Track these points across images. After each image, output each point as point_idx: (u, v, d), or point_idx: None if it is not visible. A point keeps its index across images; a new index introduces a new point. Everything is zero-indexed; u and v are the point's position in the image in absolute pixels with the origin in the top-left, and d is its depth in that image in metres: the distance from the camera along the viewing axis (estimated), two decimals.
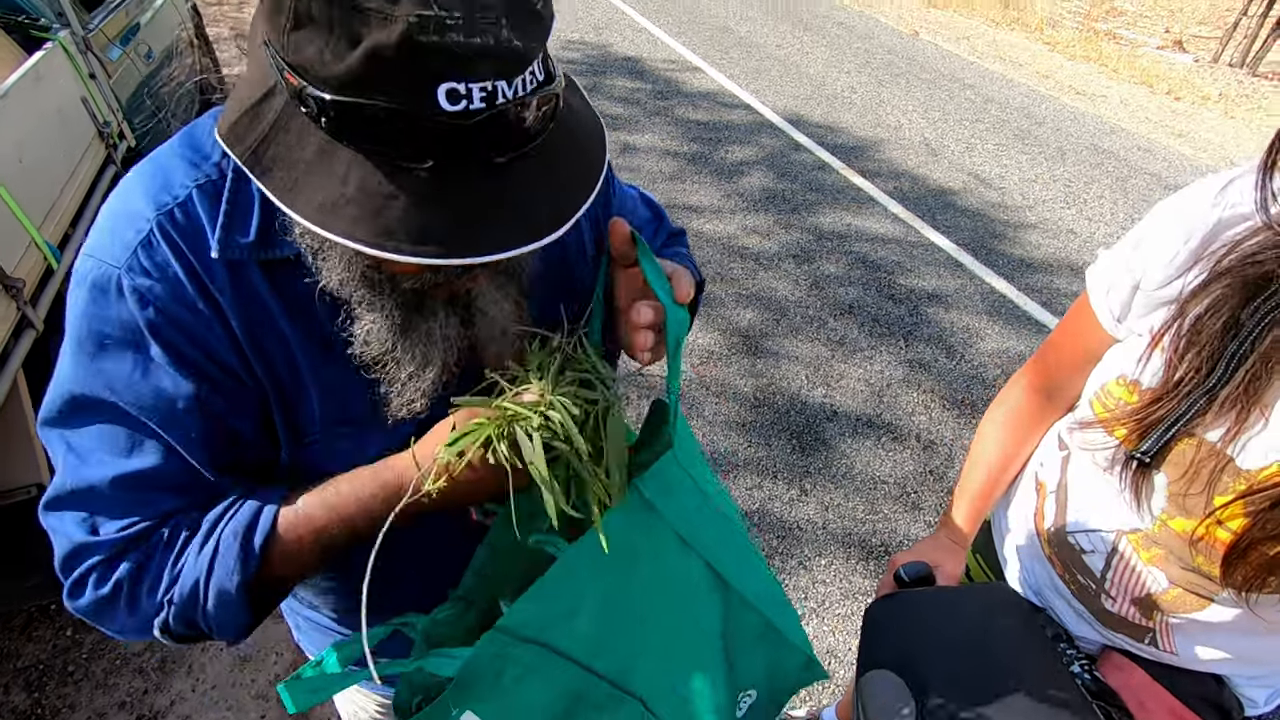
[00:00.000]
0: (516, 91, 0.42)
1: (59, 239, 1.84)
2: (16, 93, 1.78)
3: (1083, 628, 0.81)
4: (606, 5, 6.93)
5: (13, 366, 1.51)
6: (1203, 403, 0.61)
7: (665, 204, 3.61)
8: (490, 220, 0.43)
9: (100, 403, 0.52)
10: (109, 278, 0.50)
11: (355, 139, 0.42)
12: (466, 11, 0.38)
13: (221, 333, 0.52)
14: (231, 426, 0.55)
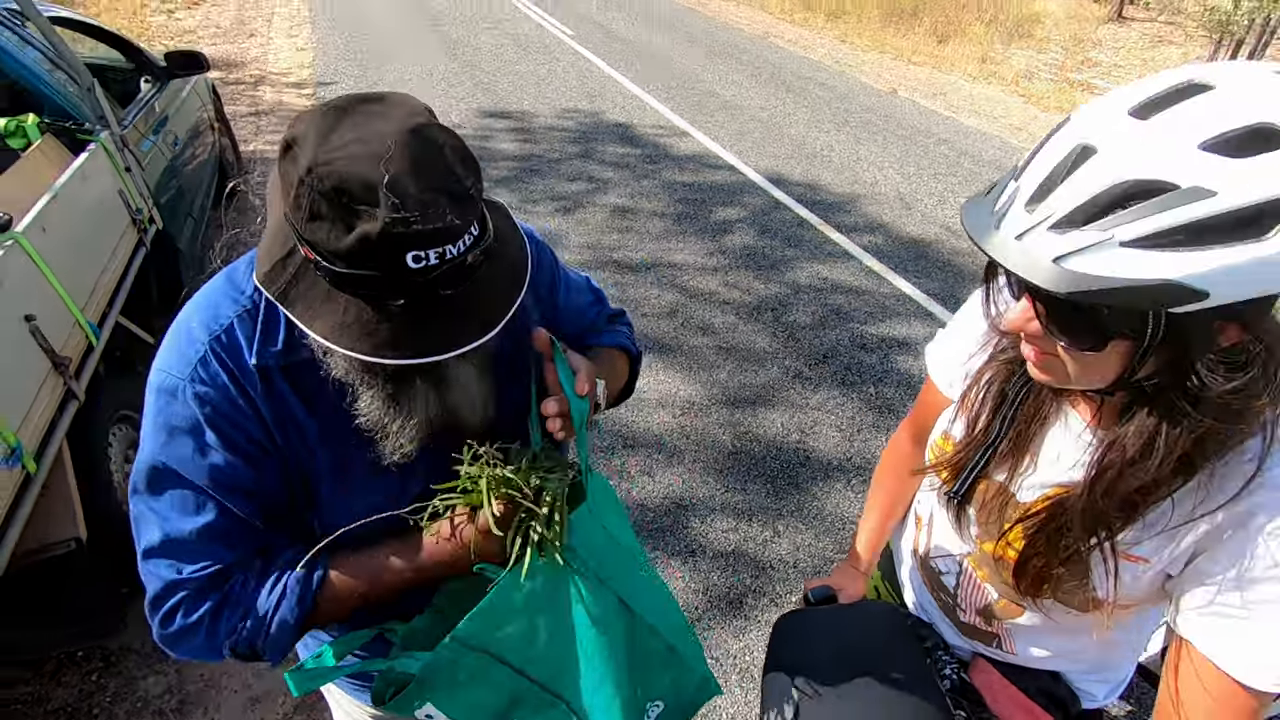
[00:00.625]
0: (459, 249, 0.61)
1: (98, 318, 2.07)
2: (65, 191, 2.03)
3: (954, 638, 0.98)
4: (600, 74, 7.36)
5: (59, 435, 1.71)
6: (990, 453, 0.79)
7: (653, 263, 3.87)
8: (442, 332, 0.63)
9: (173, 474, 0.71)
10: (176, 386, 0.71)
11: (351, 290, 0.62)
12: (422, 209, 0.58)
13: (257, 423, 0.72)
14: (268, 489, 0.74)
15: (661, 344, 3.30)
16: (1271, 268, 0.52)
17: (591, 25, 9.48)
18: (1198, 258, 0.52)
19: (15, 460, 1.52)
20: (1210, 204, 0.52)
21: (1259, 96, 0.54)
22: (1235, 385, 0.59)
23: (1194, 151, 0.53)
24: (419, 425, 0.72)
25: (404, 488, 0.79)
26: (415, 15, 9.32)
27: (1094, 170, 0.56)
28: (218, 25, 8.43)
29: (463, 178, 0.62)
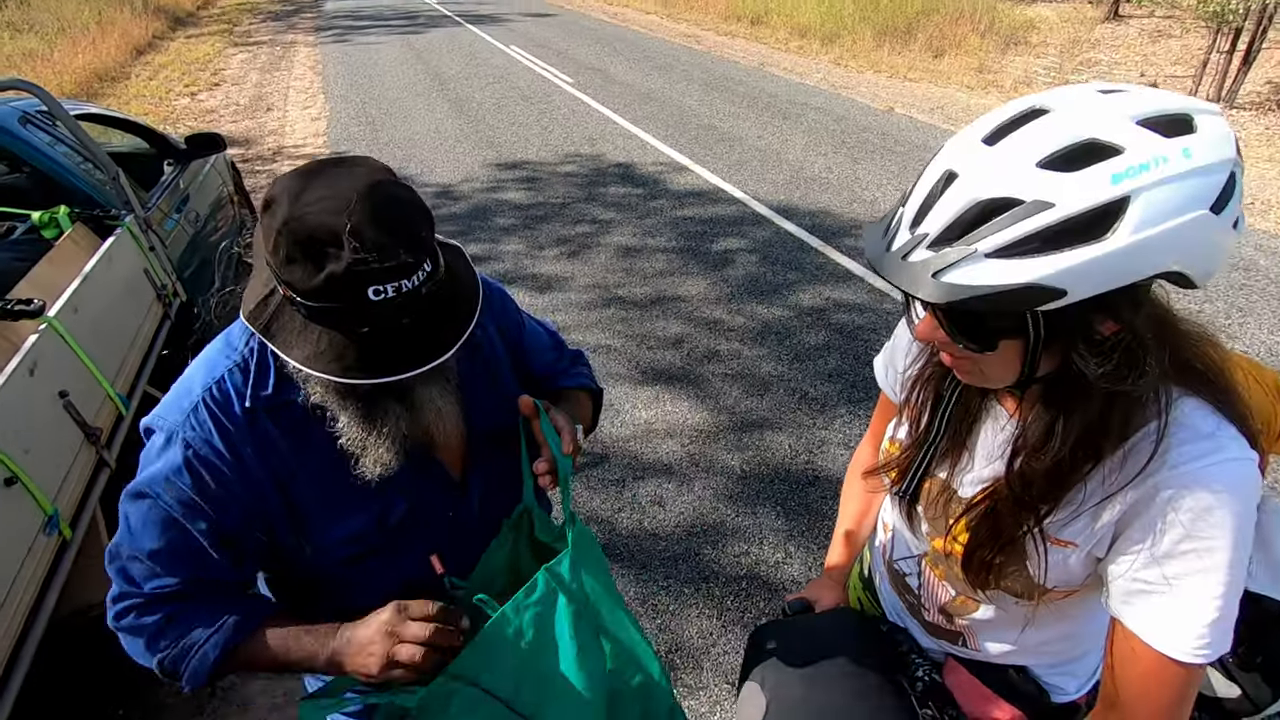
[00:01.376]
0: (413, 283, 0.72)
1: (127, 389, 2.20)
2: (93, 274, 2.19)
3: (925, 640, 1.01)
4: (599, 117, 7.59)
5: (93, 501, 1.83)
6: (932, 450, 0.84)
7: (657, 297, 3.96)
8: (403, 355, 0.74)
9: (151, 500, 0.81)
10: (171, 431, 0.81)
11: (322, 322, 0.73)
12: (380, 251, 0.69)
13: (236, 468, 0.81)
14: (229, 529, 0.83)
15: (668, 374, 3.37)
16: (1115, 263, 0.58)
17: (590, 71, 9.79)
18: (1050, 261, 0.59)
19: (53, 528, 1.63)
20: (1051, 214, 0.59)
21: (1086, 116, 0.61)
22: (1104, 371, 0.64)
23: (1033, 169, 0.60)
24: (393, 440, 0.82)
25: (387, 511, 0.88)
26: (422, 77, 9.73)
27: (957, 192, 0.63)
28: (237, 103, 8.89)
29: (415, 224, 0.73)
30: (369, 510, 0.87)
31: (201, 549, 0.82)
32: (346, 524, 0.86)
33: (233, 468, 0.81)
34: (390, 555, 0.90)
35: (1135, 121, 0.60)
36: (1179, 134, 0.59)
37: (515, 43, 12.14)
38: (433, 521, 0.93)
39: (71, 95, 8.95)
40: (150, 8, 15.94)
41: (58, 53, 10.65)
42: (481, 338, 0.98)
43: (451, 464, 0.94)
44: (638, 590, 2.30)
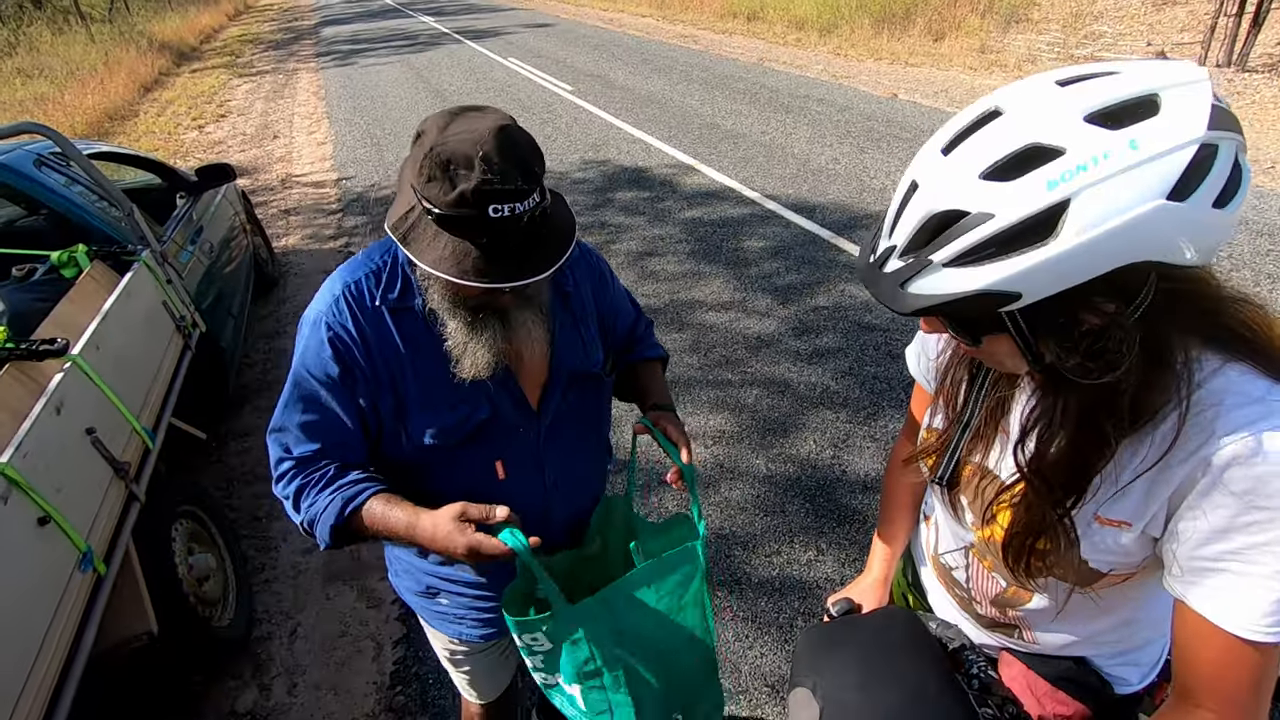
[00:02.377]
0: (525, 206, 0.86)
1: (152, 423, 2.22)
2: (114, 311, 2.21)
3: (978, 634, 0.98)
4: (601, 124, 7.59)
5: (125, 536, 1.83)
6: (966, 432, 0.82)
7: (670, 300, 3.94)
8: (512, 267, 0.89)
9: (302, 379, 1.01)
10: (317, 318, 1.01)
11: (451, 230, 0.88)
12: (502, 176, 0.84)
13: (363, 352, 1.00)
14: (364, 403, 1.02)
15: (687, 379, 3.34)
16: (1065, 265, 0.58)
17: (589, 78, 9.81)
18: (1000, 267, 0.60)
19: (87, 564, 1.64)
20: (993, 224, 0.60)
21: (1033, 118, 0.60)
22: (1073, 364, 0.64)
23: (976, 181, 0.61)
24: (489, 349, 0.98)
25: (471, 415, 1.05)
26: (424, 96, 9.80)
27: (917, 204, 0.65)
28: (244, 133, 9.00)
29: (530, 160, 0.88)
30: (458, 411, 1.04)
31: (338, 419, 1.02)
32: (438, 418, 1.04)
33: (361, 351, 1.00)
34: (465, 452, 1.07)
35: (1083, 117, 0.58)
36: (1132, 122, 0.57)
37: (513, 55, 12.20)
38: (504, 433, 1.09)
39: (83, 135, 9.12)
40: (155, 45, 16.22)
41: (68, 95, 10.85)
42: (573, 289, 1.14)
43: (531, 391, 1.10)
44: None
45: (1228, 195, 0.59)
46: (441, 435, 1.04)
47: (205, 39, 20.44)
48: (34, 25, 17.92)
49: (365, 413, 1.03)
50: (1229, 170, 0.58)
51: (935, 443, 0.87)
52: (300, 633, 2.35)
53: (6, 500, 1.45)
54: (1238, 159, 0.60)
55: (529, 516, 1.04)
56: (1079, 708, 0.89)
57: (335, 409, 1.02)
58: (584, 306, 1.16)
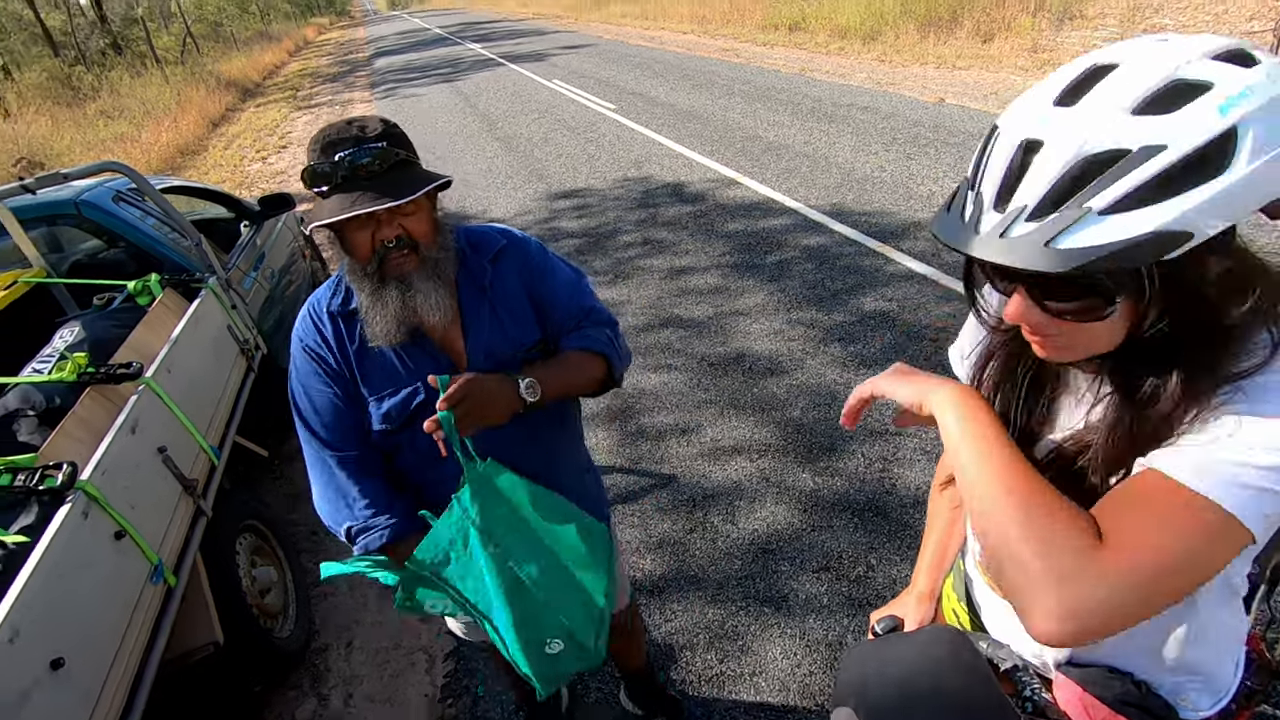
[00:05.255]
0: (365, 151, 1.06)
1: (218, 441, 2.33)
2: (183, 336, 2.34)
3: (1030, 652, 0.94)
4: (644, 140, 7.67)
5: (193, 549, 1.93)
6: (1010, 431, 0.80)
7: (714, 314, 3.94)
8: (364, 202, 1.05)
9: (299, 390, 1.26)
10: (294, 334, 1.26)
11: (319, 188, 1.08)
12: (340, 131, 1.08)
13: (327, 354, 1.23)
14: (340, 394, 1.24)
15: (730, 391, 3.33)
16: (1237, 196, 0.57)
17: (631, 96, 9.93)
18: (1172, 205, 0.57)
19: (158, 577, 1.73)
20: (1165, 156, 0.57)
21: (1159, 61, 0.59)
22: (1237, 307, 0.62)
23: (1130, 118, 0.58)
24: (390, 316, 1.15)
25: (410, 398, 1.22)
26: (471, 120, 10.09)
27: (1047, 159, 0.61)
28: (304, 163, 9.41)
29: (373, 128, 1.09)
30: (397, 395, 1.22)
31: (340, 413, 1.24)
32: (383, 403, 1.23)
33: (325, 353, 1.22)
34: (410, 434, 1.22)
35: (1210, 58, 0.58)
36: (1246, 64, 0.58)
37: (557, 76, 12.45)
38: None
39: (158, 170, 9.69)
40: (222, 83, 17.14)
41: (145, 133, 11.57)
42: (492, 281, 1.28)
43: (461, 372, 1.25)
44: (715, 612, 2.26)
45: None
46: (387, 419, 1.23)
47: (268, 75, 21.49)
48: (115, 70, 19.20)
49: (346, 400, 1.24)
50: None
51: None
52: (356, 645, 2.42)
53: (87, 515, 1.55)
54: None
55: None
56: None
57: (330, 401, 1.24)
58: (506, 294, 1.29)
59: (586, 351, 1.32)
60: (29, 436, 1.88)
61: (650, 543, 2.56)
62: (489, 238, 1.31)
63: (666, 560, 2.48)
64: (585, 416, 3.28)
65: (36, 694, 1.25)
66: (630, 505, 2.75)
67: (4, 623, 1.24)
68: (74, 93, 16.46)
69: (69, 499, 1.53)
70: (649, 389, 3.45)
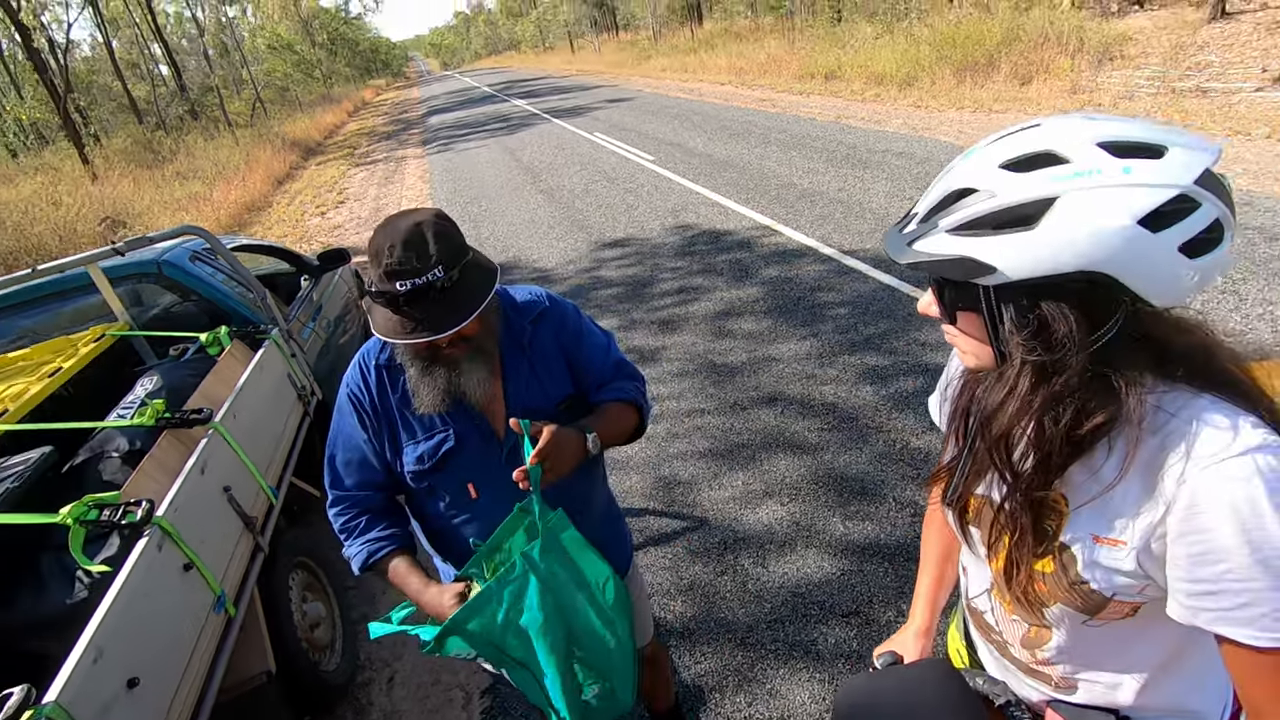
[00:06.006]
0: (423, 281, 1.14)
1: (276, 481, 2.50)
2: (249, 384, 2.54)
3: (1021, 686, 0.99)
4: (681, 190, 7.90)
5: (251, 582, 2.07)
6: (971, 457, 0.86)
7: (748, 359, 4.02)
8: (414, 329, 1.17)
9: (337, 425, 1.39)
10: (343, 381, 1.38)
11: (380, 302, 1.18)
12: (402, 261, 1.14)
13: (369, 402, 1.35)
14: (374, 442, 1.36)
15: (764, 434, 3.38)
16: (1039, 251, 0.67)
17: (669, 147, 10.25)
18: (988, 241, 0.70)
19: (220, 607, 1.87)
20: (992, 201, 0.70)
21: (1059, 133, 0.70)
22: (1021, 339, 0.71)
23: (996, 169, 0.71)
24: (436, 391, 1.27)
25: (441, 443, 1.33)
26: (516, 173, 10.54)
27: (946, 181, 0.76)
28: (359, 217, 9.96)
29: (427, 246, 1.16)
30: (431, 440, 1.33)
31: (365, 459, 1.37)
32: (416, 449, 1.34)
33: (366, 401, 1.35)
34: (441, 477, 1.35)
35: (1095, 143, 0.68)
36: (1134, 157, 0.66)
37: (598, 129, 12.93)
38: (471, 459, 1.35)
39: (228, 226, 10.34)
40: (287, 143, 18.26)
41: (216, 192, 12.39)
42: (530, 341, 1.39)
43: (495, 424, 1.36)
44: (744, 655, 2.29)
45: (1198, 248, 0.66)
46: (420, 461, 1.33)
47: (328, 134, 22.78)
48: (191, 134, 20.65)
49: (377, 451, 1.36)
50: (1205, 228, 0.66)
51: (945, 466, 0.93)
52: (397, 680, 2.52)
53: (161, 548, 1.71)
54: (1220, 224, 0.66)
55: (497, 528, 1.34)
56: None
57: (359, 448, 1.37)
58: (544, 352, 1.40)
59: (623, 403, 1.44)
60: (112, 476, 2.07)
61: (681, 585, 2.61)
62: (530, 301, 1.44)
63: (697, 603, 2.52)
64: (619, 461, 3.37)
65: (115, 709, 1.38)
66: (661, 548, 2.81)
67: (91, 643, 1.38)
68: (154, 155, 17.78)
69: (146, 533, 1.69)
70: (682, 433, 3.53)
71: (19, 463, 1.97)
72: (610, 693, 1.31)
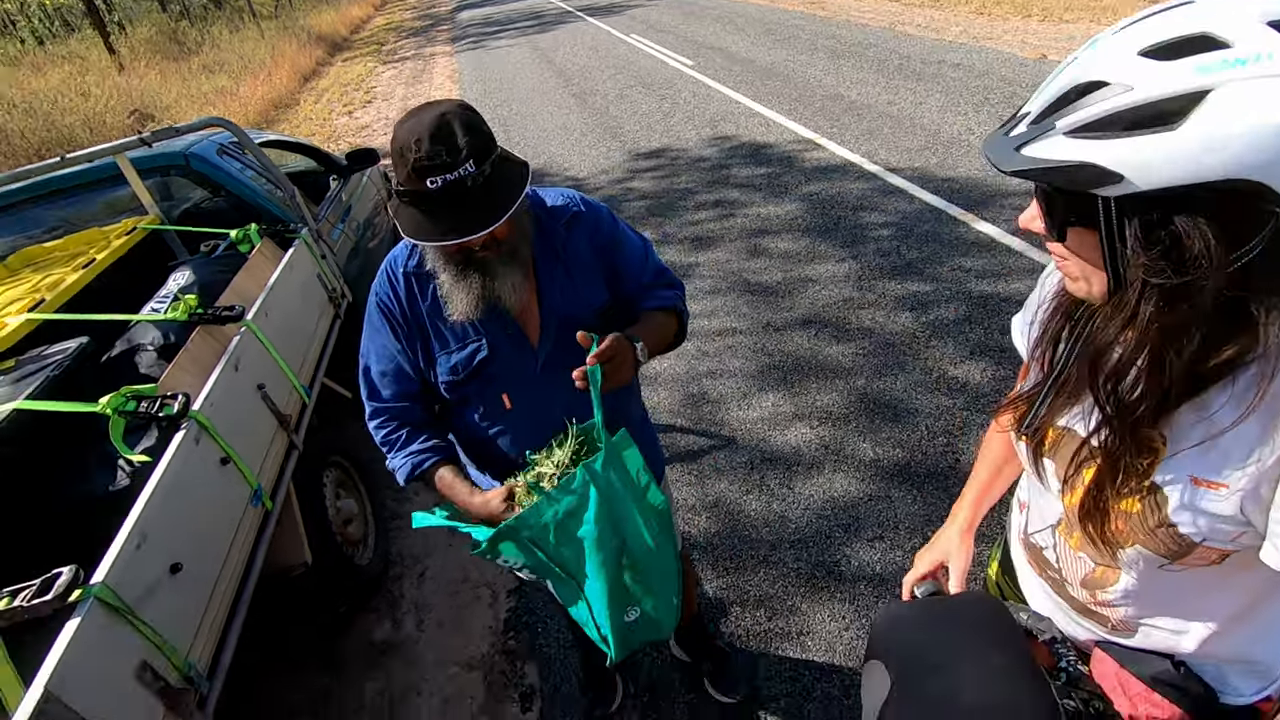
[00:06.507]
0: (455, 176, 1.08)
1: (308, 381, 2.52)
2: (279, 282, 2.52)
3: (1070, 625, 0.96)
4: (721, 99, 7.51)
5: (286, 478, 2.11)
6: (1056, 390, 0.80)
7: (784, 279, 3.91)
8: (450, 229, 1.11)
9: (369, 334, 1.35)
10: (372, 289, 1.33)
11: (408, 202, 1.13)
12: (431, 155, 1.06)
13: (399, 311, 1.30)
14: (407, 351, 1.32)
15: (797, 357, 3.32)
16: (1179, 157, 0.56)
17: (710, 51, 9.69)
18: (1117, 144, 0.59)
19: (257, 500, 1.91)
20: (1127, 96, 0.58)
21: (1218, 10, 0.58)
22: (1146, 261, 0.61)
23: (1133, 56, 0.60)
24: (470, 296, 1.21)
25: (474, 353, 1.30)
26: (548, 76, 10.10)
27: (1067, 74, 0.64)
28: (387, 117, 9.69)
29: (457, 138, 1.08)
30: (464, 350, 1.30)
31: (400, 369, 1.33)
32: (450, 359, 1.30)
33: (397, 310, 1.30)
34: (475, 387, 1.32)
35: (1266, 21, 0.56)
36: None
37: (635, 31, 12.25)
38: (505, 369, 1.31)
39: (254, 123, 10.17)
40: (313, 38, 17.67)
41: (242, 88, 12.12)
42: (563, 245, 1.33)
43: (529, 333, 1.32)
44: (766, 572, 2.32)
45: None
46: (454, 371, 1.30)
47: (355, 29, 21.98)
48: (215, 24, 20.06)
49: (411, 360, 1.32)
50: None
51: (1025, 394, 0.87)
52: (428, 575, 2.61)
53: (199, 441, 1.73)
54: None
55: (538, 438, 1.33)
56: (1175, 712, 0.85)
57: (393, 358, 1.33)
58: (578, 257, 1.34)
59: (665, 311, 1.41)
60: (148, 369, 2.09)
61: (706, 501, 2.63)
62: (562, 204, 1.37)
63: (721, 519, 2.54)
64: (647, 376, 3.35)
65: (159, 593, 1.43)
66: (688, 464, 2.82)
67: (135, 529, 1.41)
68: (179, 47, 17.35)
69: (183, 426, 1.71)
70: (713, 352, 3.48)
71: (57, 351, 1.99)
72: (652, 616, 1.31)
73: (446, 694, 2.19)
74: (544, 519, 1.19)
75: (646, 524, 1.25)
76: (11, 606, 1.19)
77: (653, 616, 1.31)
